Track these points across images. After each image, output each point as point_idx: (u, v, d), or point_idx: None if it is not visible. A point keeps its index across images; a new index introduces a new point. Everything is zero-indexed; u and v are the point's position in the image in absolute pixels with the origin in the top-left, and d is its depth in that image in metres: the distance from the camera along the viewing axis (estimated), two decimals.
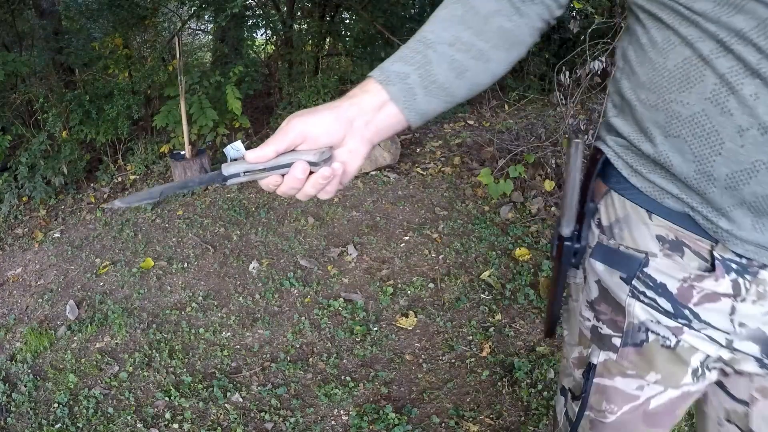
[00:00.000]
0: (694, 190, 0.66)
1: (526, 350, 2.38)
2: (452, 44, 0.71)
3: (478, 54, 0.71)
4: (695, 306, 0.71)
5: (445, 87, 0.71)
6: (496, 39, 0.72)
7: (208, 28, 6.81)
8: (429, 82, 0.71)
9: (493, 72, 0.74)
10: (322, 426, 2.09)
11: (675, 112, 0.64)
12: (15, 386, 2.41)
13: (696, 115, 0.62)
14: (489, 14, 0.71)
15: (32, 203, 4.00)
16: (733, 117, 0.59)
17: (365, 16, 4.89)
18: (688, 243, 0.70)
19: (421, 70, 0.70)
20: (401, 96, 0.70)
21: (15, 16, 4.66)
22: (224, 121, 4.36)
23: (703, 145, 0.62)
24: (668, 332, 0.74)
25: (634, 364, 0.79)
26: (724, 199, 0.63)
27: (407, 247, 3.14)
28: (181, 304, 2.84)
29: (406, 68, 0.71)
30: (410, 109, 0.71)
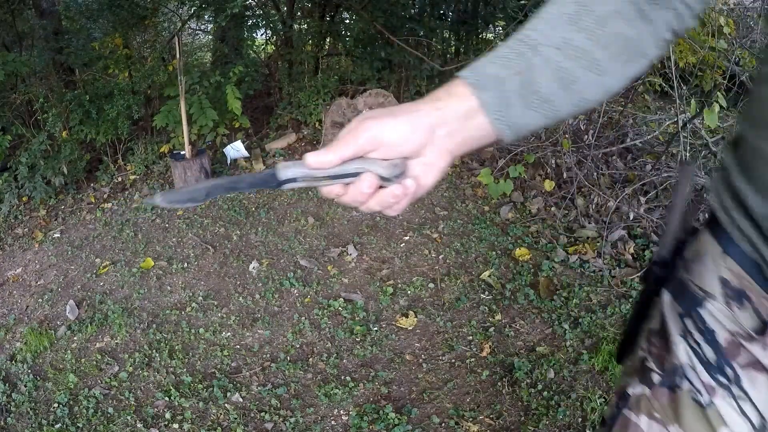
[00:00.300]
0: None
1: (526, 350, 2.38)
2: (561, 48, 0.59)
3: (591, 63, 0.59)
4: (740, 368, 0.64)
5: (547, 99, 0.60)
6: (613, 47, 0.59)
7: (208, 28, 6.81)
8: (529, 91, 0.59)
9: (606, 88, 0.62)
10: (322, 426, 2.09)
11: (762, 149, 0.58)
12: (15, 386, 2.41)
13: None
14: (607, 16, 0.59)
15: (32, 203, 4.00)
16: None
17: (365, 16, 4.89)
18: (752, 297, 0.63)
19: (521, 76, 0.59)
20: (494, 105, 0.59)
21: (15, 16, 4.66)
22: (224, 121, 4.36)
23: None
24: (702, 387, 0.67)
25: (663, 408, 0.72)
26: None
27: (407, 247, 3.14)
28: (181, 304, 2.84)
29: (504, 72, 0.59)
30: (502, 122, 0.60)
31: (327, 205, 3.62)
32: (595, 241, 3.00)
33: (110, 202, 3.96)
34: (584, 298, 2.65)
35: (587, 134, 3.50)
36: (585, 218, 3.21)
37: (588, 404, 2.07)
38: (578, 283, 2.74)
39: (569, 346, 2.37)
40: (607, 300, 2.63)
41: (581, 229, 3.13)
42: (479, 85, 0.59)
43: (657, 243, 2.88)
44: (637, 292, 2.64)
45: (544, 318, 2.55)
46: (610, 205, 3.13)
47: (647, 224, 3.01)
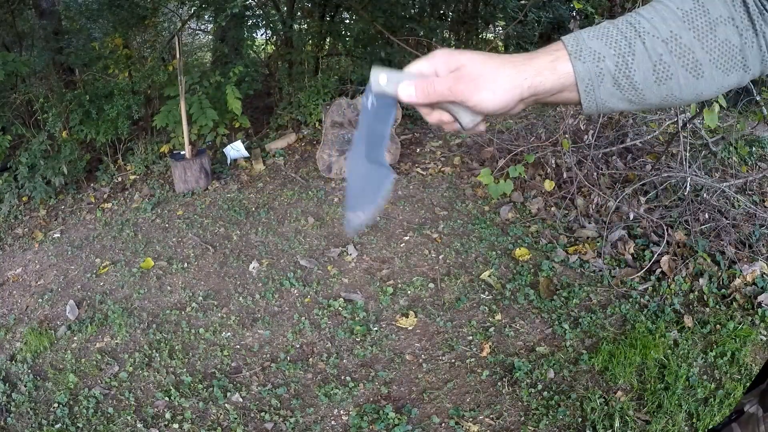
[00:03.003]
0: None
1: (526, 350, 2.38)
2: (666, 42, 0.59)
3: (691, 64, 0.59)
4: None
5: (638, 88, 0.61)
6: (718, 53, 0.59)
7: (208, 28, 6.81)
8: (623, 75, 0.60)
9: (698, 92, 0.61)
10: (322, 426, 2.09)
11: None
12: (15, 386, 2.41)
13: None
14: (720, 20, 0.59)
15: (32, 203, 4.00)
16: None
17: (365, 16, 4.89)
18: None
19: (619, 58, 0.60)
20: (586, 79, 0.60)
21: (15, 16, 4.66)
22: (224, 121, 4.36)
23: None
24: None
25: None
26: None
27: (407, 247, 3.14)
28: (181, 304, 2.84)
29: (605, 50, 0.60)
30: (589, 95, 0.61)
31: (327, 205, 3.63)
32: (595, 241, 3.00)
33: (110, 202, 3.96)
34: (584, 298, 2.65)
35: (587, 134, 3.50)
36: (585, 218, 3.21)
37: (588, 404, 2.07)
38: (578, 283, 2.74)
39: (569, 346, 2.37)
40: (607, 300, 2.63)
41: (581, 229, 3.13)
42: (578, 55, 0.60)
43: (657, 243, 2.88)
44: (636, 292, 2.64)
45: (544, 318, 2.55)
46: (610, 205, 3.13)
47: (647, 224, 3.01)
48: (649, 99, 0.62)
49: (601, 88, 0.61)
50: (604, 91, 0.61)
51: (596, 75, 0.60)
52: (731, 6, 0.59)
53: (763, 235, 2.86)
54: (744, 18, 0.59)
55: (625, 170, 3.53)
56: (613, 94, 0.61)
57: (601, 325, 2.47)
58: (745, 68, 0.60)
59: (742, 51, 0.59)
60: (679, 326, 2.42)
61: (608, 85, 0.61)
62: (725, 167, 3.49)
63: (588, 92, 0.61)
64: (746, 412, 0.78)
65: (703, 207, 3.00)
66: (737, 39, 0.59)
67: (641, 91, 0.61)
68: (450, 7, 5.95)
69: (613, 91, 0.61)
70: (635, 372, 2.20)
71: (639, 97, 0.61)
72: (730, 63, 0.60)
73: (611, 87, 0.61)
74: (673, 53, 0.59)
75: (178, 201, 3.84)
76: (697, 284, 2.62)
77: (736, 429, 0.78)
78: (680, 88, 0.61)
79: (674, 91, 0.61)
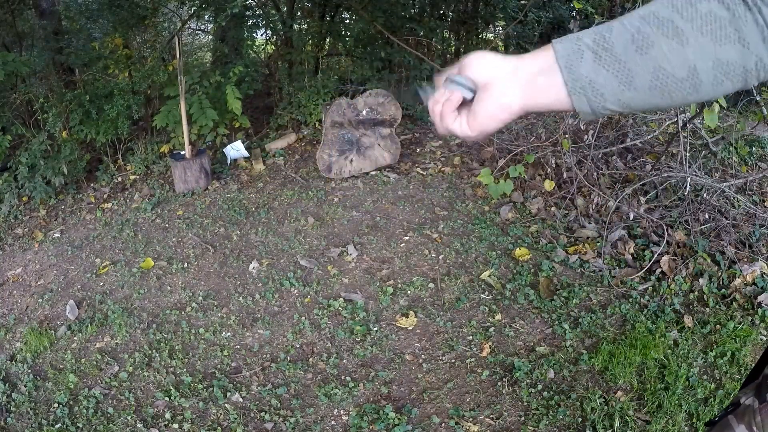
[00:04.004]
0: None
1: (526, 350, 2.38)
2: (644, 17, 0.59)
3: (672, 31, 0.57)
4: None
5: (620, 60, 0.59)
6: (701, 21, 0.57)
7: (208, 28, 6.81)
8: (602, 48, 0.60)
9: (690, 62, 0.58)
10: (322, 426, 2.09)
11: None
12: (15, 386, 2.41)
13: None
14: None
15: (32, 203, 4.00)
16: None
17: (365, 16, 4.89)
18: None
19: (596, 35, 0.61)
20: (565, 54, 0.61)
21: (15, 16, 4.66)
22: (224, 121, 4.36)
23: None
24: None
25: (763, 424, 0.75)
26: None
27: (407, 247, 3.14)
28: (181, 304, 2.84)
29: (585, 32, 0.62)
30: (572, 72, 0.61)
31: (327, 205, 3.63)
32: (595, 241, 3.00)
33: (110, 202, 3.96)
34: (584, 298, 2.65)
35: (587, 134, 3.50)
36: (585, 218, 3.21)
37: (588, 404, 2.07)
38: (578, 283, 2.74)
39: (569, 346, 2.37)
40: (607, 300, 2.63)
41: (581, 229, 3.13)
42: (559, 40, 0.63)
43: (657, 243, 2.88)
44: (636, 292, 2.64)
45: (544, 318, 2.55)
46: (610, 205, 3.13)
47: (647, 224, 3.01)
48: (637, 73, 0.59)
49: (582, 63, 0.60)
50: (587, 67, 0.60)
51: (574, 51, 0.61)
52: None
53: (763, 235, 2.86)
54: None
55: (625, 170, 3.53)
56: (597, 70, 0.60)
57: (601, 325, 2.47)
58: (742, 42, 0.57)
59: (732, 23, 0.56)
60: (679, 326, 2.42)
61: (589, 60, 0.60)
62: (725, 167, 3.50)
63: (570, 69, 0.61)
64: (742, 404, 0.79)
65: (703, 207, 3.00)
66: (724, 12, 0.56)
67: (626, 63, 0.59)
68: (450, 7, 5.95)
69: (595, 66, 0.60)
70: (635, 372, 2.20)
71: (626, 71, 0.59)
72: (718, 32, 0.56)
73: (593, 61, 0.60)
74: (651, 24, 0.59)
75: (178, 201, 3.84)
76: (697, 284, 2.63)
77: (732, 421, 0.79)
78: (666, 58, 0.58)
79: (661, 62, 0.58)
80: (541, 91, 0.63)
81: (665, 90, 0.59)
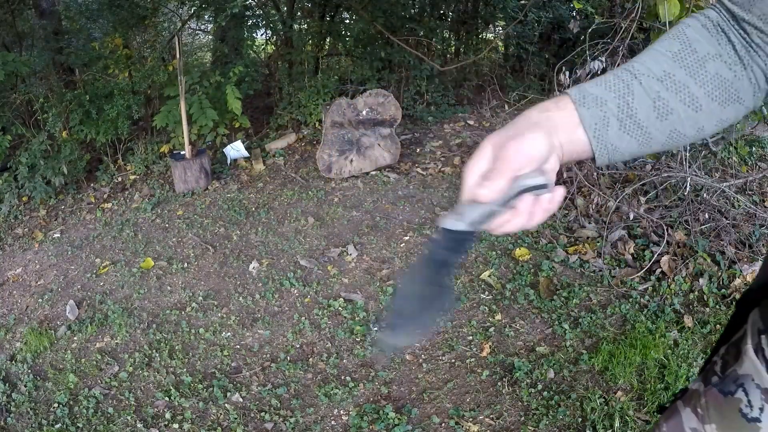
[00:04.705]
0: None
1: (526, 350, 2.38)
2: (662, 80, 0.63)
3: (689, 98, 0.63)
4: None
5: (642, 126, 0.63)
6: (711, 86, 0.63)
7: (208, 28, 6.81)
8: (626, 115, 0.63)
9: (700, 125, 0.64)
10: (322, 426, 2.09)
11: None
12: (15, 386, 2.41)
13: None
14: (708, 57, 0.63)
15: (32, 203, 4.00)
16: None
17: (365, 16, 4.89)
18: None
19: (620, 100, 0.63)
20: (593, 123, 0.63)
21: (15, 16, 4.66)
22: (224, 121, 4.36)
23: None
24: (755, 402, 0.69)
25: (708, 407, 0.76)
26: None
27: (407, 247, 3.14)
28: (181, 304, 2.84)
29: (606, 94, 0.63)
30: (599, 140, 0.63)
31: (327, 205, 3.63)
32: (595, 241, 3.00)
33: (110, 202, 3.96)
34: (584, 298, 2.65)
35: None
36: (585, 218, 3.21)
37: (588, 404, 2.07)
38: (578, 283, 2.74)
39: (569, 346, 2.37)
40: (607, 300, 2.63)
41: (581, 229, 3.13)
42: (582, 102, 0.63)
43: (657, 243, 2.88)
44: (636, 292, 2.64)
45: (544, 318, 2.55)
46: (610, 205, 3.13)
47: (647, 224, 3.01)
48: (656, 137, 0.64)
49: (609, 131, 0.63)
50: (613, 135, 0.63)
51: (600, 119, 0.63)
52: (717, 44, 0.63)
53: (763, 235, 2.86)
54: (731, 53, 0.63)
55: (625, 170, 3.53)
56: (621, 137, 0.63)
57: (601, 325, 2.47)
58: (739, 100, 0.64)
59: (734, 84, 0.63)
60: (679, 326, 2.42)
61: (614, 126, 0.63)
62: (725, 167, 3.50)
63: (598, 138, 0.63)
64: (690, 389, 0.82)
65: (703, 207, 3.00)
66: (728, 73, 0.62)
67: (647, 129, 0.63)
68: (450, 7, 5.95)
69: (619, 133, 0.63)
70: (635, 372, 2.20)
71: (646, 136, 0.64)
72: (724, 95, 0.63)
73: (617, 129, 0.63)
74: (669, 90, 0.63)
75: (178, 201, 3.84)
76: (697, 284, 2.62)
77: (680, 405, 0.81)
78: (682, 122, 0.63)
79: (677, 125, 0.64)
80: (570, 150, 0.64)
81: (673, 144, 0.66)
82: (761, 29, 0.61)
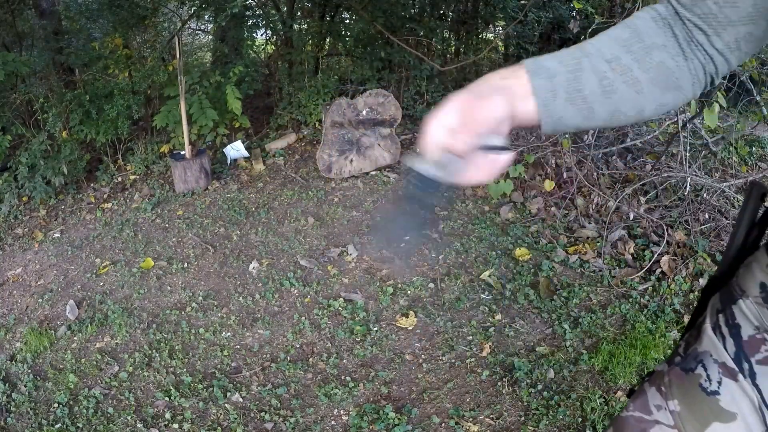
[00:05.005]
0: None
1: (526, 350, 2.38)
2: (609, 62, 0.69)
3: (632, 80, 0.69)
4: (757, 363, 0.70)
5: (588, 100, 0.69)
6: (654, 73, 0.69)
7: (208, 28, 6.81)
8: (574, 89, 0.69)
9: (640, 106, 0.70)
10: (322, 426, 2.09)
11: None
12: (15, 386, 2.41)
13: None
14: (654, 46, 0.69)
15: (32, 203, 4.00)
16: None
17: (365, 16, 4.89)
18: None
19: (570, 74, 0.69)
20: (543, 93, 0.69)
21: (15, 16, 4.66)
22: (224, 121, 4.36)
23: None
24: (716, 373, 0.73)
25: (671, 384, 0.79)
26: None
27: (407, 246, 3.13)
28: (181, 304, 2.84)
29: (558, 67, 0.69)
30: (547, 109, 0.69)
31: (327, 205, 3.63)
32: (595, 241, 3.00)
33: (110, 202, 3.96)
34: (584, 298, 2.65)
35: (587, 134, 3.50)
36: (585, 218, 3.21)
37: (588, 404, 2.07)
38: (578, 283, 2.74)
39: (569, 346, 2.37)
40: (607, 300, 2.63)
41: (581, 229, 3.13)
42: (535, 73, 0.69)
43: (657, 243, 2.88)
44: (636, 292, 2.64)
45: (544, 318, 2.55)
46: (610, 205, 3.13)
47: (647, 224, 3.01)
48: (598, 113, 0.70)
49: (556, 101, 0.69)
50: (559, 104, 0.69)
51: (549, 90, 0.68)
52: (663, 36, 0.69)
53: None
54: (675, 46, 0.69)
55: (625, 170, 3.53)
56: (566, 107, 0.69)
57: (601, 325, 2.47)
58: (679, 88, 0.70)
59: (675, 73, 0.69)
60: (679, 326, 2.42)
61: (561, 98, 0.69)
62: (725, 167, 3.50)
63: (546, 107, 0.69)
64: (656, 371, 0.86)
65: (703, 207, 3.00)
66: (671, 62, 0.69)
67: (591, 104, 0.69)
68: (450, 7, 5.95)
69: (565, 104, 0.69)
70: (635, 372, 2.20)
71: (589, 110, 0.69)
72: (665, 82, 0.69)
73: (564, 100, 0.69)
74: (615, 71, 0.68)
75: (178, 201, 3.84)
76: (697, 284, 2.62)
77: (646, 386, 0.85)
78: (624, 102, 0.69)
79: (619, 105, 0.70)
80: (519, 114, 0.70)
81: (615, 122, 0.72)
82: (701, 28, 0.67)
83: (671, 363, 0.82)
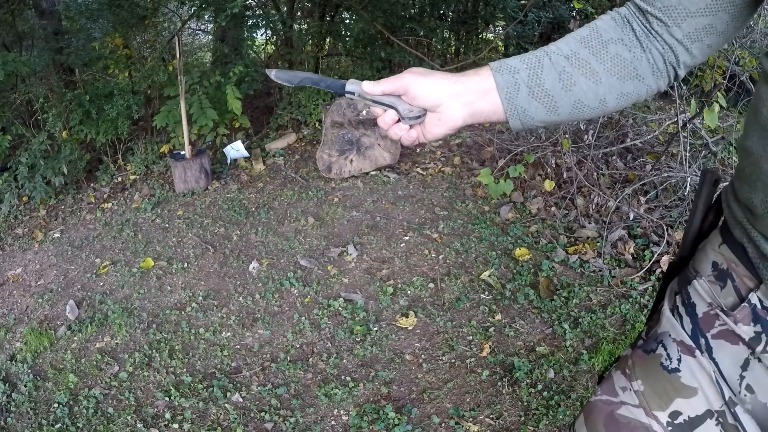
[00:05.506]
0: (757, 220, 0.66)
1: (526, 350, 2.38)
2: (568, 57, 0.74)
3: (589, 72, 0.74)
4: (712, 338, 0.72)
5: (549, 94, 0.74)
6: (611, 64, 0.74)
7: (208, 28, 6.81)
8: (535, 83, 0.74)
9: (601, 96, 0.75)
10: (322, 426, 2.09)
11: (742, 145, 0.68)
12: (15, 386, 2.41)
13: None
14: (610, 41, 0.74)
15: (32, 203, 4.00)
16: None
17: (365, 16, 4.89)
18: (735, 277, 0.71)
19: (531, 71, 0.74)
20: (505, 87, 0.74)
21: (15, 16, 4.67)
22: (224, 121, 4.36)
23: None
24: (673, 354, 0.76)
25: (634, 366, 0.82)
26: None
27: (407, 247, 3.14)
28: (181, 304, 2.84)
29: (520, 65, 0.75)
30: (510, 102, 0.75)
31: (327, 205, 3.63)
32: (595, 241, 3.00)
33: (110, 202, 3.97)
34: (584, 298, 2.65)
35: (587, 134, 3.50)
36: (585, 218, 3.21)
37: None
38: (578, 283, 2.74)
39: (569, 346, 2.37)
40: (607, 300, 2.63)
41: (581, 229, 3.13)
42: (498, 70, 0.75)
43: (657, 243, 2.88)
44: (636, 292, 2.64)
45: (544, 318, 2.55)
46: (610, 205, 3.13)
47: (647, 224, 3.01)
48: (561, 105, 0.75)
49: (520, 95, 0.74)
50: (523, 99, 0.74)
51: (512, 85, 0.74)
52: (621, 31, 0.74)
53: None
54: (632, 38, 0.73)
55: (625, 170, 3.53)
56: (530, 101, 0.74)
57: (601, 325, 2.47)
58: (638, 78, 0.74)
59: (632, 63, 0.73)
60: None
61: (524, 92, 0.74)
62: (725, 167, 3.49)
63: (509, 100, 0.74)
64: (621, 356, 0.89)
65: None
66: (627, 54, 0.73)
67: (553, 98, 0.74)
68: (450, 7, 5.95)
69: (528, 99, 0.74)
70: None
71: (552, 104, 0.75)
72: (623, 72, 0.74)
73: (527, 95, 0.74)
74: (573, 65, 0.74)
75: (178, 201, 3.84)
76: None
77: (613, 370, 0.88)
78: (585, 93, 0.74)
79: (580, 96, 0.74)
80: (483, 111, 0.76)
81: (580, 114, 0.77)
82: (661, 19, 0.71)
83: (634, 347, 0.85)
